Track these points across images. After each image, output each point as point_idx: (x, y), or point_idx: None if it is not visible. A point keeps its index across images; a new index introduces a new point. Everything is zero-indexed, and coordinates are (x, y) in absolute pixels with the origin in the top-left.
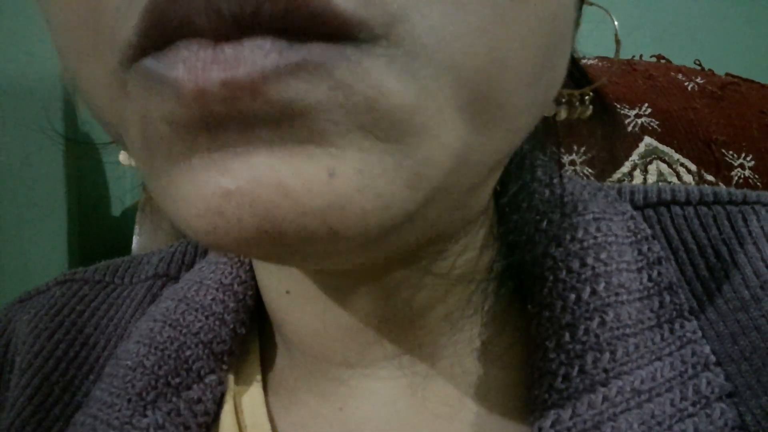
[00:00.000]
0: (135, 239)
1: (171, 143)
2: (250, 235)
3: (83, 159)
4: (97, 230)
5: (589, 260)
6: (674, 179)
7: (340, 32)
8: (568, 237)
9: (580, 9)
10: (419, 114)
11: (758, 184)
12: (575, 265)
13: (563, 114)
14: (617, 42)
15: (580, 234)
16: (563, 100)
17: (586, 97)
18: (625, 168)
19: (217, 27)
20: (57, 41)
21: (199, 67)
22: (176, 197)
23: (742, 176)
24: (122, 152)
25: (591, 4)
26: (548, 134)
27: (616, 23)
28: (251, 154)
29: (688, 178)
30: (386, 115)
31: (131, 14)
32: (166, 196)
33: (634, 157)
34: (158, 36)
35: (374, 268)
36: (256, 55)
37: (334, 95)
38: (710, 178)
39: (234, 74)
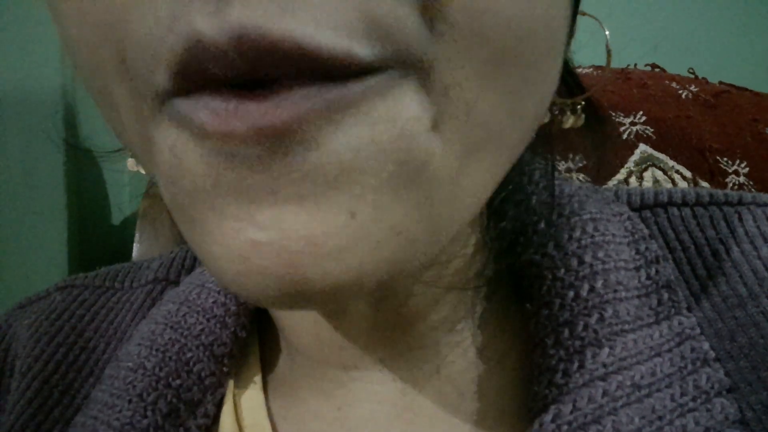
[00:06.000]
0: (135, 247)
1: (196, 179)
2: (277, 284)
3: (83, 168)
4: (97, 239)
5: (587, 258)
6: (669, 186)
7: (361, 71)
8: (565, 236)
9: (573, 22)
10: (432, 133)
11: (753, 190)
12: (573, 263)
13: (556, 123)
14: (608, 51)
15: (577, 233)
16: (556, 109)
17: (578, 107)
18: (621, 175)
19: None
20: (77, 61)
21: (223, 116)
22: (204, 240)
23: (737, 183)
24: (129, 159)
25: (584, 14)
26: (543, 142)
27: (607, 33)
28: (279, 205)
29: (683, 184)
30: (404, 134)
31: (160, 53)
32: (194, 234)
33: (630, 164)
34: (185, 84)
35: None
36: (284, 107)
37: (360, 121)
38: (705, 184)
39: (266, 120)
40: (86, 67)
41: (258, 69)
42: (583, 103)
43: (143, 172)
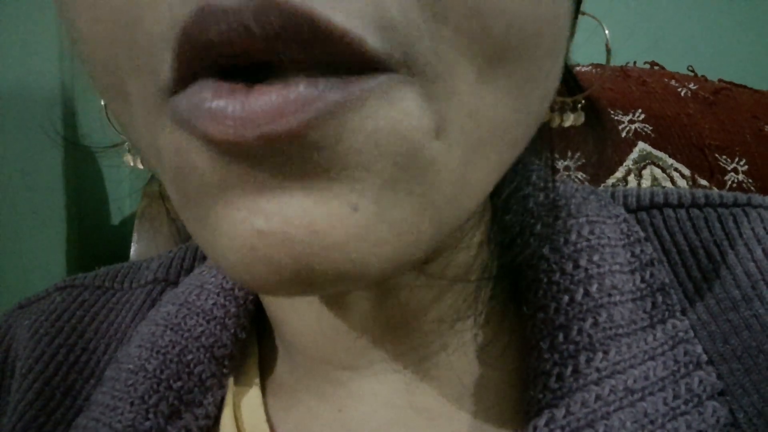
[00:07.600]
0: (133, 247)
1: (204, 176)
2: (283, 273)
3: (82, 166)
4: (96, 238)
5: (583, 262)
6: (668, 184)
7: (367, 65)
8: (561, 240)
9: (574, 22)
10: (435, 138)
11: (752, 188)
12: (569, 267)
13: (557, 121)
14: (608, 50)
15: (573, 237)
16: (556, 107)
17: (579, 105)
18: (620, 173)
19: (244, 49)
20: (88, 57)
21: (230, 125)
22: (211, 232)
23: (736, 180)
24: (127, 154)
25: (584, 14)
26: (542, 140)
27: (607, 32)
28: (284, 196)
29: (682, 182)
30: (407, 141)
31: (167, 40)
32: (201, 228)
33: (629, 162)
34: (186, 69)
35: None
36: (288, 107)
37: (363, 125)
38: (704, 182)
39: (271, 129)
40: (98, 64)
41: (264, 42)
42: (583, 101)
43: (140, 167)
